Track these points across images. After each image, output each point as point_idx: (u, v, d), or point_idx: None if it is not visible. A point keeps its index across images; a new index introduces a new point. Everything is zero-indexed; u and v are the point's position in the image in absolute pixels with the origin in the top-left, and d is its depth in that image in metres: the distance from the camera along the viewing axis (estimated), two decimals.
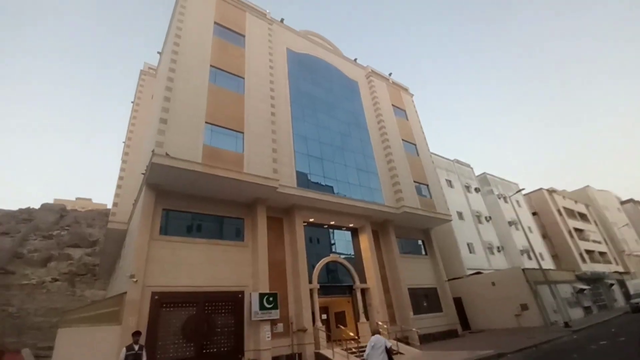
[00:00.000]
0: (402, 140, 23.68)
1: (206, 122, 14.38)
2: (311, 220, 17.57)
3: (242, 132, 15.31)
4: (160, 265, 12.46)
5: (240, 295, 13.70)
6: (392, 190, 20.59)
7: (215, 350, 12.30)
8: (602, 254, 46.02)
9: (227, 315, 13.17)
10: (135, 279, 11.45)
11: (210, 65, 15.94)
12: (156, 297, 11.90)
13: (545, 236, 41.31)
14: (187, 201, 14.21)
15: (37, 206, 52.77)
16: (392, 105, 25.22)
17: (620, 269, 44.51)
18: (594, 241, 46.26)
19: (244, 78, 16.92)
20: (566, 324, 18.47)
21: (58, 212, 53.47)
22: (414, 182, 22.02)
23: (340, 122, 20.88)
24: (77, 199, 77.53)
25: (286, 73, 19.64)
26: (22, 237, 40.90)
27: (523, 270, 21.28)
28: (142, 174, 13.65)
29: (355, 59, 25.61)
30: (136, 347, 7.92)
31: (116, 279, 18.62)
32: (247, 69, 17.35)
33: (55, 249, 43.15)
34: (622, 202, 62.90)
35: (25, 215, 51.48)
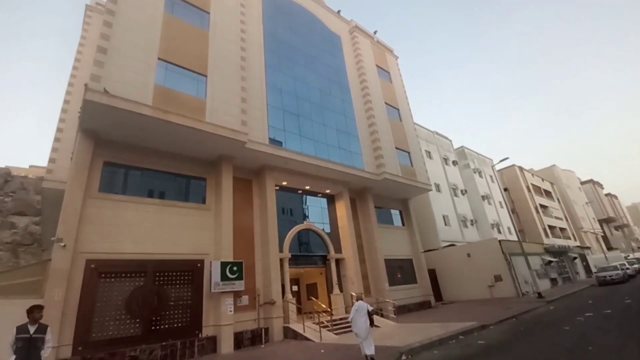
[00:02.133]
0: (385, 103, 21.99)
1: (159, 59, 11.82)
2: (284, 183, 15.77)
3: (205, 75, 12.88)
4: (98, 228, 10.29)
5: (199, 265, 11.87)
6: (372, 156, 19.08)
7: (166, 326, 10.54)
8: (562, 229, 48.27)
9: (183, 286, 11.37)
10: (63, 244, 9.25)
11: None
12: (92, 265, 9.82)
13: (513, 211, 42.35)
14: (135, 154, 11.86)
15: None
16: (376, 65, 23.24)
17: (578, 244, 46.99)
18: (557, 217, 48.31)
19: (209, 13, 14.21)
20: (539, 295, 18.41)
21: (2, 177, 47.89)
22: (396, 148, 20.62)
23: (320, 77, 18.74)
24: (30, 166, 70.17)
25: (260, 15, 16.99)
26: None
27: (500, 241, 20.98)
28: (79, 114, 11.04)
29: (339, 11, 23.12)
30: (32, 329, 5.45)
31: None
32: (214, 2, 14.60)
33: None
34: (582, 182, 66.22)
35: None
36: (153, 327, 10.29)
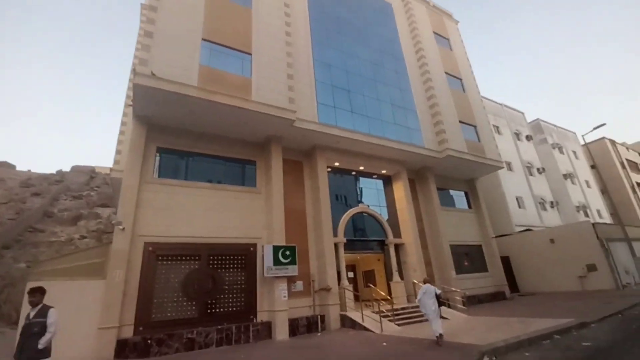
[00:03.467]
0: (446, 73, 19.69)
1: (203, 39, 11.53)
2: (336, 164, 14.83)
3: (250, 53, 12.35)
4: (154, 212, 10.41)
5: (252, 249, 11.57)
6: (433, 131, 17.18)
7: (222, 310, 10.41)
8: None
9: (237, 270, 11.15)
10: (122, 227, 9.47)
11: None
12: (150, 248, 9.98)
13: (604, 191, 36.33)
14: (186, 139, 11.85)
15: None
16: (434, 32, 20.89)
17: None
18: None
19: None
20: None
21: (88, 174, 54.36)
22: (460, 122, 18.37)
23: (371, 49, 17.23)
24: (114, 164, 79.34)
25: None
26: (52, 197, 41.47)
27: (593, 224, 17.71)
28: (130, 105, 11.27)
29: None
30: (32, 314, 4.68)
31: None
32: None
33: (84, 208, 43.59)
34: None
35: (58, 177, 52.61)
36: (209, 310, 10.22)
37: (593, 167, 37.02)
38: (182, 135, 11.76)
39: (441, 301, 8.62)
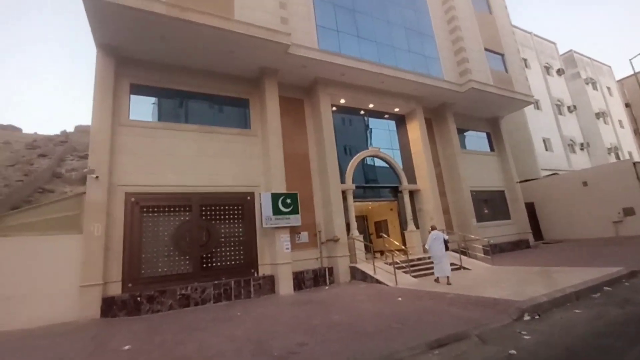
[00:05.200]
0: None
1: None
2: (342, 102, 12.97)
3: None
4: (134, 159, 9.13)
5: (249, 198, 10.35)
6: (454, 61, 14.80)
7: (219, 264, 9.48)
8: None
9: (234, 222, 10.04)
10: (95, 175, 8.24)
11: None
12: (132, 198, 8.82)
13: (636, 132, 33.40)
14: (165, 74, 10.16)
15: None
16: None
17: None
18: None
19: None
20: None
21: (87, 134, 53.65)
22: (485, 49, 15.80)
23: None
24: None
25: None
26: (58, 157, 41.06)
27: (634, 164, 15.69)
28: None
29: None
30: None
31: None
32: None
33: None
34: None
35: (62, 138, 52.01)
36: (204, 265, 9.30)
37: (627, 105, 33.70)
38: (159, 69, 10.04)
39: (448, 246, 9.28)
